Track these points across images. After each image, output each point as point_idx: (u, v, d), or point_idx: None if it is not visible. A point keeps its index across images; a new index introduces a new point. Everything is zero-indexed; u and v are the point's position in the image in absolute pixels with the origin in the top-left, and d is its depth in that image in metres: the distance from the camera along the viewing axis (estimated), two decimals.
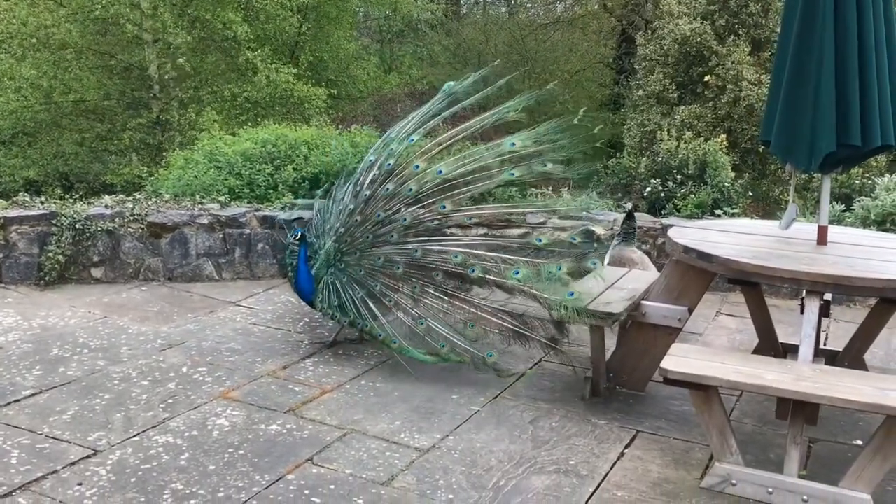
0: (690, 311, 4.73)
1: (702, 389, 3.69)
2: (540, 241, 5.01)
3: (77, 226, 6.45)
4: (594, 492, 3.71)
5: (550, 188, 7.85)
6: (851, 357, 5.30)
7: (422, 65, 23.52)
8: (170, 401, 4.48)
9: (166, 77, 15.96)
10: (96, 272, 6.62)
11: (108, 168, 15.33)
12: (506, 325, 4.90)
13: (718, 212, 7.98)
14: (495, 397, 4.74)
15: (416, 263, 5.07)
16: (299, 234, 5.22)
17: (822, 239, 4.44)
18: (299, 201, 7.12)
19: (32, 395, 4.49)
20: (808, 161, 4.25)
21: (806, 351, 3.82)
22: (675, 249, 4.43)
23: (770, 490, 3.64)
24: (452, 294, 5.00)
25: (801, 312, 5.13)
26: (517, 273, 4.88)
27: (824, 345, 5.36)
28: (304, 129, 8.43)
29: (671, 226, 7.35)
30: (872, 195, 8.04)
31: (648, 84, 17.46)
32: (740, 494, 3.70)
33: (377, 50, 22.70)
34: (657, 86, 17.13)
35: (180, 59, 15.71)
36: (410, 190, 5.15)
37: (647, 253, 6.80)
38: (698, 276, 4.70)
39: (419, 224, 5.12)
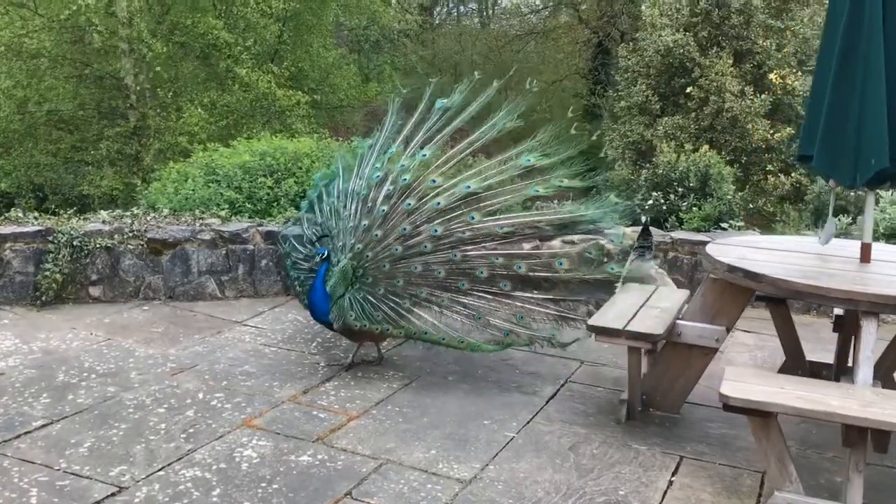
0: (728, 330, 4.62)
1: (761, 416, 3.55)
2: (561, 263, 5.17)
3: (75, 243, 6.18)
4: None
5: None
6: (881, 376, 5.21)
7: (399, 74, 23.34)
8: (191, 430, 4.25)
9: (142, 87, 15.61)
10: (95, 291, 6.34)
11: (84, 179, 14.93)
12: (551, 311, 5.14)
13: (724, 225, 7.92)
14: (528, 422, 4.57)
15: (457, 268, 5.10)
16: (325, 252, 5.03)
17: (866, 257, 4.33)
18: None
19: (44, 425, 4.23)
20: (852, 177, 4.15)
21: (866, 373, 3.70)
22: (716, 268, 4.30)
23: None
24: (496, 292, 5.11)
25: (834, 330, 5.09)
26: (561, 263, 5.14)
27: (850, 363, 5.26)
28: (304, 141, 8.22)
29: (680, 239, 7.31)
30: (877, 208, 8.01)
31: (631, 95, 17.48)
32: None
33: (354, 60, 22.50)
34: (640, 97, 17.16)
35: (157, 68, 15.38)
36: (438, 204, 5.16)
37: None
38: (737, 294, 4.58)
39: (451, 234, 5.13)
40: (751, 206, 10.15)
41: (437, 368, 5.31)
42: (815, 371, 5.38)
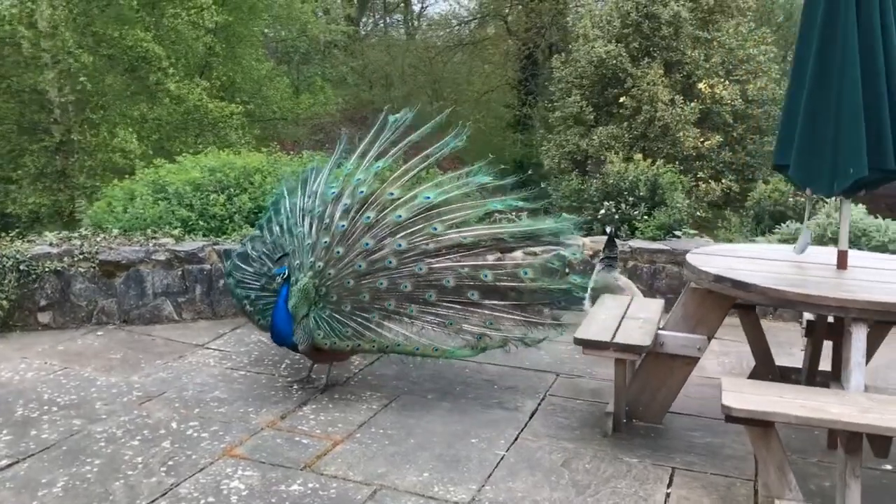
0: (709, 339, 4.65)
1: (760, 425, 3.57)
2: (526, 273, 5.19)
3: (21, 267, 5.86)
4: None
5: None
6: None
7: (329, 86, 23.10)
8: (170, 462, 4.04)
9: (66, 100, 15.02)
10: (43, 317, 6.02)
11: (7, 197, 14.26)
12: (518, 317, 5.11)
13: (678, 233, 8.03)
14: (515, 439, 4.50)
15: (423, 280, 5.02)
16: (285, 272, 4.88)
17: (842, 263, 4.42)
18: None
19: (9, 465, 3.97)
20: (829, 186, 4.23)
21: (857, 379, 3.75)
22: (701, 278, 4.32)
23: None
24: (465, 302, 5.06)
25: (805, 335, 5.18)
26: (526, 273, 5.16)
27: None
28: (253, 156, 8.00)
29: (639, 248, 7.38)
30: (818, 214, 8.25)
31: (565, 106, 17.70)
32: None
33: (284, 71, 22.19)
34: (574, 107, 17.39)
35: (82, 79, 14.83)
36: (399, 217, 5.10)
37: None
38: (717, 303, 4.62)
39: (415, 248, 5.06)
40: (698, 213, 10.33)
41: (414, 387, 5.21)
42: (785, 375, 5.46)
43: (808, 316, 5.17)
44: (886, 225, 7.50)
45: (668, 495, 3.93)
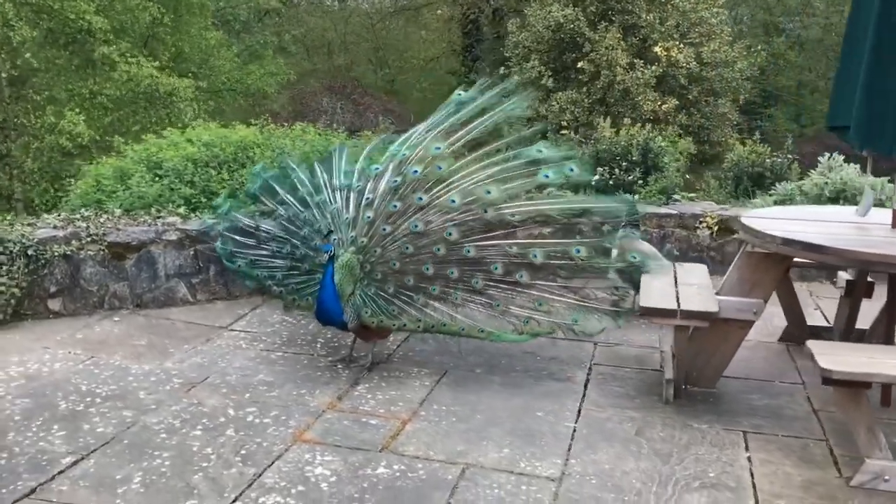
0: (765, 302, 4.68)
1: (855, 387, 3.61)
2: (579, 251, 4.94)
3: (29, 252, 5.52)
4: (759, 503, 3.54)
5: None
6: (878, 335, 5.45)
7: (268, 56, 22.47)
8: (243, 452, 3.87)
9: (6, 75, 14.24)
10: (54, 304, 5.70)
11: None
12: (571, 300, 4.92)
13: (676, 197, 8.08)
14: (580, 411, 4.46)
15: (470, 262, 4.86)
16: (331, 249, 4.71)
17: None
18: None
19: (75, 462, 3.74)
20: (890, 147, 4.28)
21: None
22: (766, 241, 4.32)
23: None
24: (513, 282, 4.89)
25: (845, 295, 5.25)
26: (578, 251, 4.91)
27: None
28: (246, 130, 7.70)
29: (648, 213, 7.39)
30: (812, 172, 8.39)
31: (523, 71, 17.61)
32: (894, 490, 3.65)
33: (226, 40, 21.49)
34: (532, 72, 17.31)
35: (27, 55, 14.10)
36: (453, 201, 4.90)
37: None
38: (772, 266, 4.65)
39: (464, 235, 4.88)
40: (687, 176, 10.40)
41: (459, 362, 5.12)
42: (816, 334, 5.54)
43: (846, 276, 5.25)
44: (883, 183, 7.67)
45: (749, 459, 3.96)
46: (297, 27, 26.63)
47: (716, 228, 7.31)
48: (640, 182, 8.47)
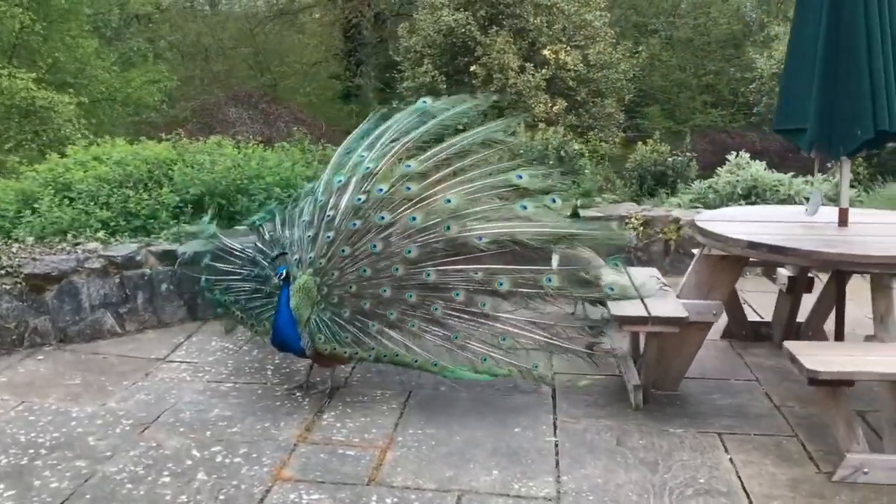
0: (724, 303, 4.78)
1: (834, 386, 3.71)
2: (550, 280, 4.62)
3: None
4: None
5: None
6: (813, 327, 5.69)
7: (147, 63, 21.52)
8: (221, 497, 3.61)
9: None
10: None
11: None
12: (539, 337, 4.59)
13: (598, 199, 8.21)
14: (555, 424, 4.42)
15: (430, 287, 4.59)
16: (284, 272, 4.50)
17: (843, 220, 4.66)
18: (191, 228, 6.04)
19: None
20: (837, 148, 4.45)
21: None
22: (729, 245, 4.39)
23: None
24: (476, 312, 4.57)
25: (787, 291, 5.43)
26: (550, 280, 4.60)
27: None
28: (157, 145, 7.29)
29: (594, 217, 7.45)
30: (719, 170, 8.70)
31: (417, 75, 17.58)
32: (873, 481, 3.76)
33: (101, 48, 20.39)
34: (426, 77, 17.30)
35: None
36: (414, 219, 4.63)
37: None
38: (729, 268, 4.76)
39: (424, 254, 4.61)
40: (598, 177, 10.60)
41: (421, 381, 4.96)
42: (756, 330, 5.76)
43: (786, 272, 5.44)
44: (790, 180, 8.05)
45: (731, 461, 4.01)
46: (171, 33, 25.62)
47: (641, 230, 7.45)
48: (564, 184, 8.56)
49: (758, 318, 6.04)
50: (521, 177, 4.78)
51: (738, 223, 4.75)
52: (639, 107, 24.80)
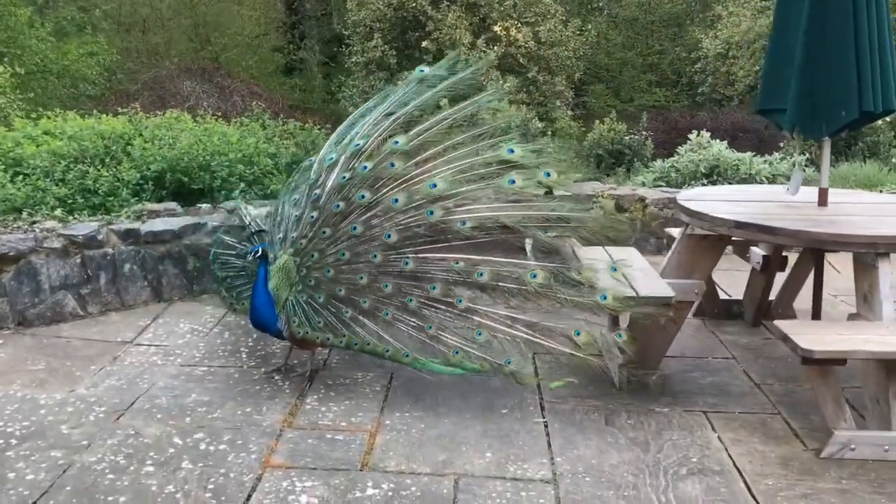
0: (704, 282, 4.79)
1: (826, 364, 3.75)
2: (534, 276, 4.23)
3: None
4: (749, 486, 3.60)
5: None
6: (783, 305, 5.78)
7: (85, 34, 20.72)
8: (211, 486, 3.48)
9: None
10: None
11: None
12: (520, 333, 4.25)
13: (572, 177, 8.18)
14: (542, 404, 4.39)
15: (407, 276, 4.37)
16: (259, 250, 4.38)
17: (822, 200, 4.70)
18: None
19: None
20: (820, 128, 4.48)
21: (888, 309, 4.00)
22: (717, 224, 4.37)
23: (886, 448, 3.81)
24: (451, 304, 4.30)
25: (761, 271, 5.49)
26: (534, 276, 4.23)
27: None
28: (112, 120, 6.99)
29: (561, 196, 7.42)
30: (680, 149, 8.76)
31: (366, 50, 17.30)
32: (860, 457, 3.82)
33: (35, 17, 19.53)
34: (376, 52, 17.04)
35: None
36: (396, 201, 4.38)
37: None
38: (711, 248, 4.77)
39: (405, 239, 4.39)
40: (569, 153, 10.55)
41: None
42: (728, 308, 5.82)
43: (760, 251, 5.49)
44: (750, 159, 8.14)
45: (720, 440, 4.04)
46: (106, 2, 24.70)
47: (610, 206, 7.46)
48: None
49: (726, 297, 6.09)
50: (513, 151, 4.41)
51: (721, 202, 4.75)
52: (584, 85, 24.94)
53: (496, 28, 17.64)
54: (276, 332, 4.46)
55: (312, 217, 4.49)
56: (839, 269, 6.72)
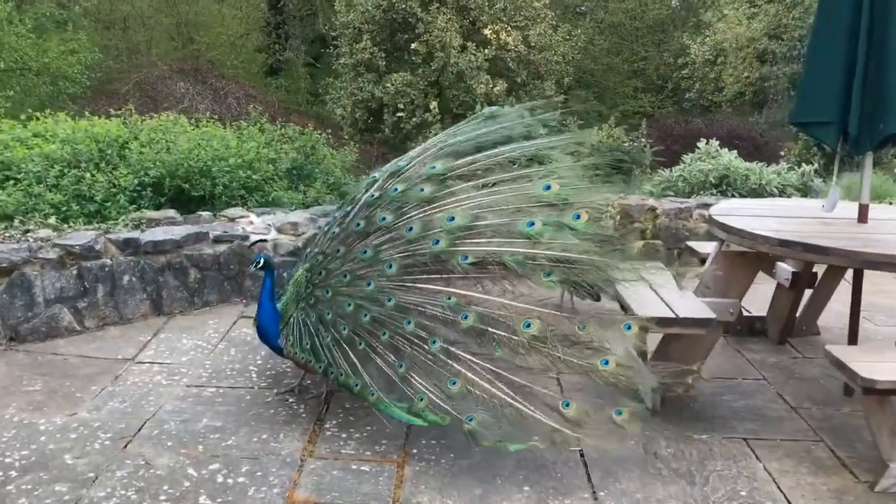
0: (740, 300, 4.60)
1: (885, 395, 3.55)
2: (528, 326, 3.65)
3: None
4: None
5: None
6: (807, 322, 5.61)
7: (66, 31, 20.23)
8: None
9: None
10: None
11: None
12: (500, 392, 3.61)
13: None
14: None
15: (392, 308, 3.90)
16: (261, 260, 4.18)
17: (863, 217, 4.52)
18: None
19: None
20: (860, 142, 4.30)
21: None
22: (757, 242, 4.17)
23: None
24: (425, 343, 3.78)
25: (790, 287, 5.31)
26: (528, 326, 3.64)
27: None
28: (106, 122, 6.68)
29: None
30: (685, 158, 8.58)
31: (355, 52, 17.04)
32: None
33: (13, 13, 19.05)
34: (365, 53, 16.80)
35: None
36: (410, 229, 3.99)
37: None
38: (747, 266, 4.58)
39: (405, 265, 3.98)
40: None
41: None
42: (750, 325, 5.63)
43: (788, 268, 5.30)
44: (760, 169, 7.98)
45: (766, 470, 3.83)
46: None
47: (618, 218, 7.26)
48: None
49: (747, 313, 5.90)
50: (548, 187, 3.87)
51: (758, 218, 4.55)
52: (570, 90, 24.83)
53: (486, 31, 17.46)
54: (276, 348, 4.22)
55: (334, 233, 4.24)
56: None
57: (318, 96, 21.94)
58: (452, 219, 3.94)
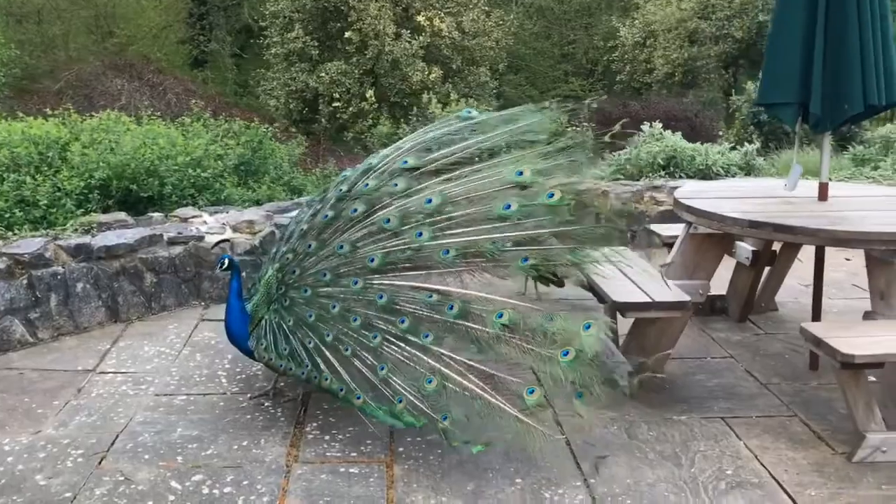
0: (708, 281, 4.67)
1: (861, 368, 3.65)
2: (501, 316, 3.59)
3: None
4: (793, 498, 3.46)
5: None
6: (765, 300, 5.74)
7: None
8: None
9: None
10: None
11: None
12: (472, 385, 3.52)
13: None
14: (557, 421, 4.10)
15: (382, 308, 3.81)
16: (226, 260, 4.08)
17: (823, 195, 4.62)
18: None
19: None
20: (824, 122, 4.39)
21: None
22: (726, 224, 4.22)
23: None
24: (414, 343, 3.69)
25: (750, 265, 5.41)
26: (500, 316, 3.58)
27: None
28: (45, 123, 6.39)
29: None
30: (635, 142, 8.68)
31: (286, 41, 16.76)
32: (892, 460, 3.75)
33: None
34: (297, 43, 16.54)
35: None
36: (388, 221, 3.91)
37: None
38: (715, 248, 4.65)
39: (388, 262, 3.89)
40: None
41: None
42: (712, 304, 5.73)
43: (748, 246, 5.39)
44: (706, 150, 8.11)
45: (747, 447, 3.90)
46: None
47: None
48: None
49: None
50: (521, 173, 3.84)
51: (724, 200, 4.61)
52: (502, 75, 24.91)
53: (419, 18, 17.36)
54: (246, 350, 4.12)
55: (303, 229, 4.14)
56: (801, 259, 6.75)
57: (247, 87, 21.50)
58: (430, 201, 3.88)
